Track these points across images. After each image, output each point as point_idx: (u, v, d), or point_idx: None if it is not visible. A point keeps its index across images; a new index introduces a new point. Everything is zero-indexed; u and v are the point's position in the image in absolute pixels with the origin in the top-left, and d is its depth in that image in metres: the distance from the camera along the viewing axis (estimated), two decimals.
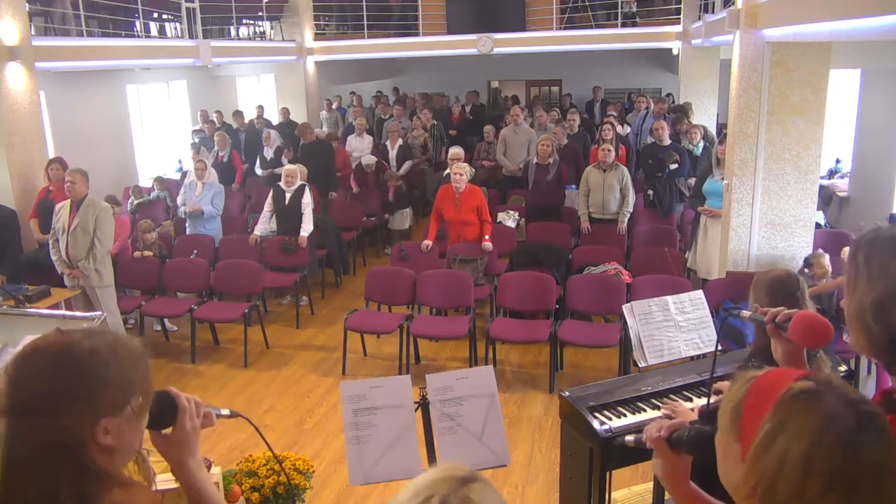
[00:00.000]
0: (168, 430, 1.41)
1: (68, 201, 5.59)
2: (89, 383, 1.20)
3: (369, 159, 9.55)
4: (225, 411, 1.56)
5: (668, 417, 2.00)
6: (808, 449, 0.97)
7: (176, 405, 1.40)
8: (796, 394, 1.03)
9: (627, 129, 10.20)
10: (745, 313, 1.84)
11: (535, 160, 7.57)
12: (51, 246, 5.66)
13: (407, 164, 9.82)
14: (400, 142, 9.97)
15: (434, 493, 0.98)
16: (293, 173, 7.21)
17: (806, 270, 5.34)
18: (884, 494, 0.99)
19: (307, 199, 7.14)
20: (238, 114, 10.94)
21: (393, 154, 9.85)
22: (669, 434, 1.44)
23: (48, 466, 1.17)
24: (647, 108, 10.43)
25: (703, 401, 3.12)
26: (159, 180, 9.11)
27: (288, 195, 7.15)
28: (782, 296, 2.44)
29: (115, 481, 1.23)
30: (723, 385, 2.03)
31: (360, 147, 10.22)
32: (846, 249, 5.05)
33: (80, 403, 1.19)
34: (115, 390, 1.22)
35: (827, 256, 5.32)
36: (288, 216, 7.16)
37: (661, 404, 3.14)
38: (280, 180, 7.30)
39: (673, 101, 11.60)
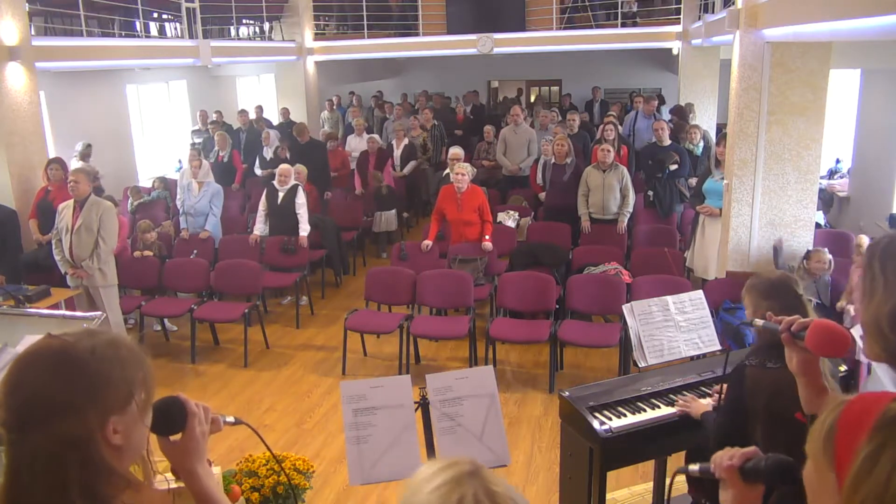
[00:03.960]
0: (177, 437, 1.39)
1: (71, 201, 5.58)
2: (93, 381, 1.17)
3: (375, 138, 9.55)
4: (230, 418, 1.53)
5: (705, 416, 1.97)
6: None
7: (186, 410, 1.38)
8: (894, 415, 0.96)
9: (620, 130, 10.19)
10: (759, 322, 1.81)
11: (551, 160, 7.53)
12: (53, 246, 5.65)
13: (411, 165, 9.80)
14: (405, 141, 9.94)
15: (461, 493, 0.97)
16: (286, 172, 7.21)
17: (805, 263, 5.36)
18: None
19: (301, 199, 7.13)
20: (243, 113, 10.91)
21: (398, 153, 9.83)
22: (742, 463, 1.38)
23: (58, 472, 1.14)
24: (635, 109, 10.42)
25: (704, 401, 3.12)
26: (161, 180, 9.11)
27: (281, 194, 7.16)
28: (782, 299, 2.42)
29: (126, 482, 1.20)
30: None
31: (359, 147, 10.21)
32: (862, 237, 5.05)
33: (87, 403, 1.16)
34: (119, 386, 1.20)
35: (826, 251, 5.35)
36: (280, 215, 7.16)
37: (661, 404, 3.14)
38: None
39: (662, 101, 11.58)
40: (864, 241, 4.99)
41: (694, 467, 1.53)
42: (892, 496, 0.91)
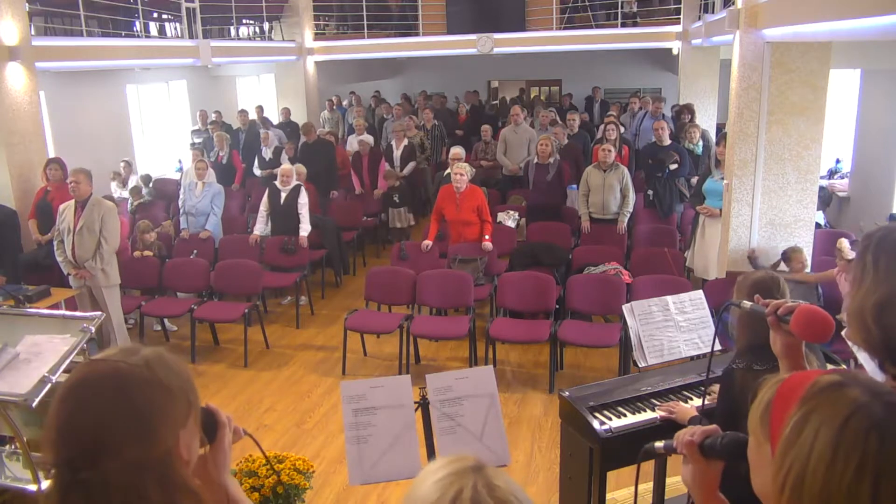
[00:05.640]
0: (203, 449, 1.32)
1: (72, 202, 5.58)
2: (157, 397, 1.11)
3: (366, 140, 9.57)
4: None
5: (681, 421, 1.96)
6: (835, 435, 0.94)
7: (217, 420, 1.33)
8: (822, 386, 1.01)
9: (622, 130, 10.19)
10: (747, 304, 1.83)
11: (535, 160, 7.58)
12: (55, 247, 5.65)
13: (410, 165, 9.80)
14: (405, 142, 9.93)
15: (461, 485, 0.98)
16: (289, 173, 7.22)
17: (783, 264, 5.36)
18: None
19: (303, 200, 7.14)
20: (242, 113, 10.91)
21: (397, 154, 9.83)
22: (702, 440, 1.41)
23: (139, 499, 1.07)
24: (643, 109, 10.43)
25: (688, 405, 3.12)
26: (145, 177, 9.15)
27: (283, 195, 7.16)
28: (763, 297, 2.48)
29: (199, 501, 1.16)
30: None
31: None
32: (842, 241, 5.07)
33: (157, 421, 1.10)
34: (180, 398, 1.15)
35: (804, 251, 5.34)
36: (283, 216, 7.16)
37: (661, 404, 3.15)
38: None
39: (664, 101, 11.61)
40: (845, 245, 4.98)
41: (659, 444, 1.58)
42: (815, 460, 0.95)
